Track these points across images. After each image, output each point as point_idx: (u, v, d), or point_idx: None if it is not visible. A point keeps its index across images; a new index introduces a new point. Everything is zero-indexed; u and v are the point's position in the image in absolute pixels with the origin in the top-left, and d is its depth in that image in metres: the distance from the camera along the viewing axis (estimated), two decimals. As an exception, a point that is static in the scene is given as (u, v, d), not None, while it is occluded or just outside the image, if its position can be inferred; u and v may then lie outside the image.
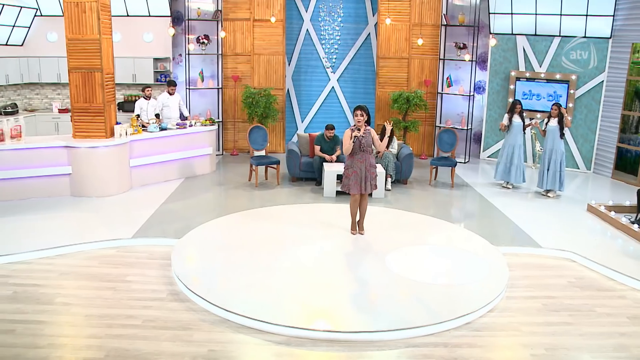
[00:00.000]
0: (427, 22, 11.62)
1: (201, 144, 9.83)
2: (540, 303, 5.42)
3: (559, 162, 8.92)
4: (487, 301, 5.20)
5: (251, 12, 11.63)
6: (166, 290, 5.46)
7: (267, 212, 7.77)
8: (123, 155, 8.49)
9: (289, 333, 4.64)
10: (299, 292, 5.30)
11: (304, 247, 6.43)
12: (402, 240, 6.76)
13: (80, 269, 5.92)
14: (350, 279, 5.68)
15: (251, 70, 11.87)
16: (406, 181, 9.72)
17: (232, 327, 4.79)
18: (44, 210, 7.63)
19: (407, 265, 6.00)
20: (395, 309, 4.98)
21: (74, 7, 7.86)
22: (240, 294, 5.21)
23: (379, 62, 11.90)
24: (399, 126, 11.35)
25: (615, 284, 5.96)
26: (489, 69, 11.65)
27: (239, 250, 6.29)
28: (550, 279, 6.03)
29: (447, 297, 5.25)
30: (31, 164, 7.90)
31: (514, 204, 8.67)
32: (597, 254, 6.54)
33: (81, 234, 6.76)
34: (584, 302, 5.47)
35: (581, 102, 10.84)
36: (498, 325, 4.95)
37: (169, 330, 4.71)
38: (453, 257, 6.37)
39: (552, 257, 6.69)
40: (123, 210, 7.77)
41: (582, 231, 7.51)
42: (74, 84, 8.12)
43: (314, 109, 12.74)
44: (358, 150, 6.69)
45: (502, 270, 5.95)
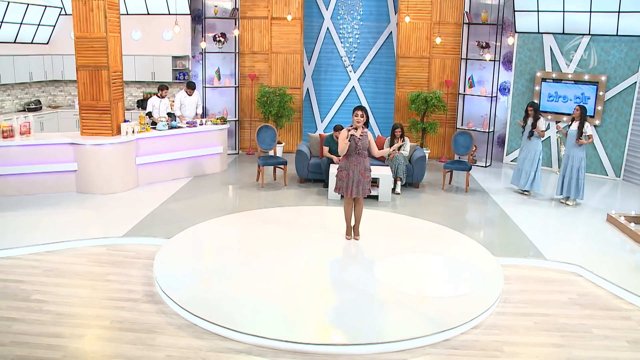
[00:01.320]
0: (449, 21, 11.19)
1: (212, 142, 9.80)
2: (532, 321, 5.04)
3: (576, 169, 8.37)
4: (472, 317, 4.87)
5: (269, 10, 11.53)
6: (143, 292, 5.40)
7: (265, 214, 7.64)
8: (129, 153, 8.55)
9: (251, 342, 4.47)
10: (273, 299, 5.12)
11: (292, 252, 6.25)
12: (398, 248, 6.47)
13: (66, 267, 5.95)
14: (330, 288, 5.46)
15: (269, 69, 11.78)
16: (418, 185, 9.38)
17: (196, 333, 4.67)
18: (48, 206, 7.76)
19: (395, 275, 5.73)
20: (369, 322, 4.73)
21: (82, 6, 7.96)
22: (212, 299, 5.08)
23: (399, 62, 11.56)
24: (417, 127, 10.98)
25: (622, 303, 5.49)
26: (513, 69, 11.11)
27: (225, 253, 6.18)
28: (550, 295, 5.62)
29: (430, 311, 4.96)
30: (38, 160, 8.06)
31: (528, 212, 8.20)
32: (608, 269, 6.07)
33: (76, 230, 6.82)
34: (581, 322, 5.05)
35: (611, 105, 10.17)
36: (478, 344, 4.61)
37: (133, 332, 4.64)
38: (447, 267, 6.05)
39: (557, 270, 6.26)
40: (124, 208, 7.80)
41: (596, 243, 7.01)
42: (81, 81, 8.24)
43: (334, 109, 12.52)
44: (353, 152, 6.45)
45: (497, 283, 5.59)
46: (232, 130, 11.99)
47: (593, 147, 10.44)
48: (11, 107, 11.07)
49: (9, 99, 11.00)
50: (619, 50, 9.97)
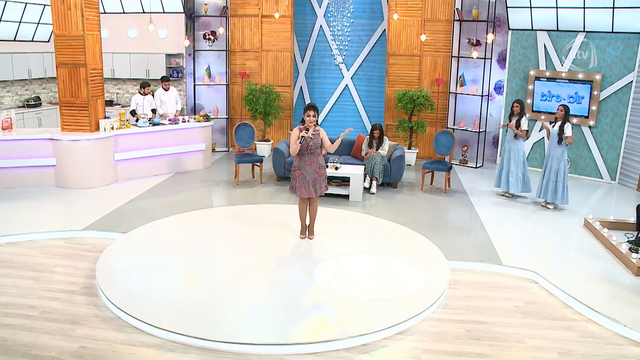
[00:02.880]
0: (440, 18, 10.95)
1: (194, 139, 9.90)
2: (464, 329, 4.88)
3: (555, 171, 8.04)
4: (395, 322, 4.75)
5: (259, 8, 11.55)
6: (83, 284, 5.49)
7: (229, 211, 7.66)
8: (107, 149, 8.71)
9: (165, 336, 4.49)
10: (199, 296, 5.12)
11: (239, 249, 6.24)
12: (349, 248, 6.38)
13: (19, 258, 6.10)
14: (261, 287, 5.40)
15: (259, 66, 11.80)
16: (396, 185, 9.22)
17: (118, 325, 4.72)
18: (25, 199, 7.98)
19: (333, 276, 5.65)
20: (286, 322, 4.67)
21: (60, 4, 8.15)
22: (141, 294, 5.13)
23: (389, 60, 11.39)
24: (404, 127, 10.80)
25: (570, 313, 5.26)
26: (507, 68, 10.79)
27: (172, 249, 6.22)
28: (495, 302, 5.43)
29: (354, 314, 4.86)
30: (19, 155, 8.30)
31: (502, 216, 7.95)
32: (565, 277, 5.84)
33: (41, 223, 6.99)
34: (516, 332, 4.85)
35: (607, 105, 9.76)
36: (397, 351, 4.49)
37: (57, 323, 4.72)
38: (390, 269, 5.92)
39: (512, 276, 6.04)
40: (96, 202, 7.94)
41: (563, 249, 6.74)
42: (61, 79, 8.44)
43: (327, 107, 12.45)
44: (306, 152, 6.38)
45: (438, 287, 5.43)
46: (224, 127, 12.08)
47: (587, 149, 10.05)
48: (11, 103, 11.45)
49: (8, 95, 11.38)
50: (615, 48, 9.55)
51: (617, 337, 4.84)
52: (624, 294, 5.53)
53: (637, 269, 5.96)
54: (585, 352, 4.57)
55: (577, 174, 10.24)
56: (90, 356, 4.26)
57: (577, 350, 4.59)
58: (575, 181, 9.97)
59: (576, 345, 4.66)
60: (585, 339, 4.78)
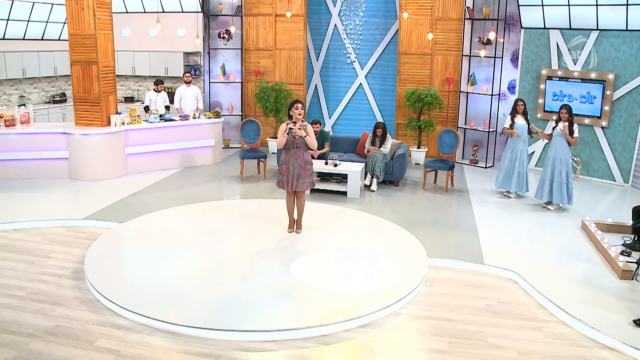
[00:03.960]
0: (451, 16, 10.87)
1: (204, 135, 10.20)
2: (428, 325, 4.92)
3: (560, 172, 7.90)
4: (360, 314, 4.84)
5: (273, 8, 11.76)
6: (73, 269, 5.82)
7: (225, 205, 7.91)
8: (117, 143, 9.11)
9: (136, 319, 4.74)
10: (174, 282, 5.34)
11: (224, 241, 6.46)
12: (333, 243, 6.50)
13: (21, 243, 6.51)
14: (236, 276, 5.56)
15: (273, 65, 12.02)
16: (398, 183, 9.25)
17: (95, 308, 5.00)
18: (37, 189, 8.45)
19: (310, 269, 5.78)
20: (250, 310, 4.84)
21: (74, 5, 8.58)
22: (121, 278, 5.41)
23: (400, 58, 11.38)
24: (412, 125, 10.79)
25: (542, 314, 5.21)
26: (519, 67, 10.61)
27: (159, 239, 6.50)
28: (468, 300, 5.43)
29: (322, 305, 4.98)
30: (35, 148, 8.79)
31: (498, 216, 7.87)
32: (546, 278, 5.76)
33: (48, 212, 7.40)
34: (481, 330, 4.86)
35: (620, 105, 9.47)
36: (355, 343, 4.58)
37: (40, 303, 5.05)
38: (368, 264, 6.00)
39: (492, 275, 6.02)
40: (103, 194, 8.31)
41: (552, 251, 6.61)
42: (75, 75, 8.88)
43: (342, 106, 12.55)
44: (292, 146, 6.52)
45: (409, 284, 5.48)
46: (239, 124, 12.35)
47: (600, 150, 9.78)
48: (37, 98, 12.09)
49: (35, 91, 12.02)
50: (630, 47, 9.25)
51: (584, 339, 4.78)
52: (603, 297, 5.43)
53: (621, 272, 5.83)
54: (546, 352, 4.54)
55: (589, 176, 9.98)
56: (62, 334, 4.55)
57: (538, 350, 4.56)
58: (587, 183, 9.74)
59: (539, 346, 4.63)
60: (551, 340, 4.74)
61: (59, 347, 4.36)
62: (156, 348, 4.40)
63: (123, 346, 4.41)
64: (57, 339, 4.48)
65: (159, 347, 4.41)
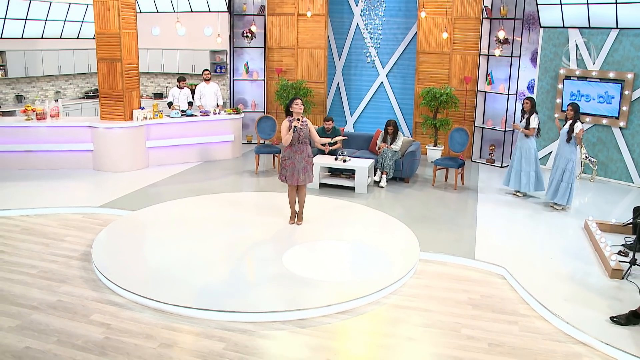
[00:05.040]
0: (470, 16, 10.86)
1: (223, 131, 10.60)
2: (405, 314, 5.08)
3: (562, 170, 7.83)
4: (338, 301, 5.05)
5: (296, 7, 12.06)
6: (83, 251, 6.27)
7: (234, 197, 8.23)
8: (139, 137, 9.61)
9: (130, 297, 5.12)
10: (171, 265, 5.70)
11: (226, 230, 6.78)
12: (331, 235, 6.75)
13: (40, 227, 7.04)
14: (229, 262, 5.88)
15: (295, 63, 12.32)
16: (408, 180, 9.36)
17: (96, 286, 5.41)
18: (63, 179, 9.01)
19: (302, 258, 6.02)
20: (235, 294, 5.13)
21: (101, 6, 9.13)
22: (124, 260, 5.82)
23: (419, 57, 11.46)
24: (427, 124, 10.85)
25: (523, 309, 5.27)
26: (538, 66, 10.50)
27: (166, 227, 6.89)
28: (453, 293, 5.54)
29: (305, 291, 5.22)
30: (63, 140, 9.39)
31: (502, 214, 7.89)
32: (534, 275, 5.80)
33: (69, 199, 7.94)
34: (456, 321, 4.97)
35: (639, 105, 9.25)
36: (330, 327, 4.78)
37: (48, 280, 5.50)
38: (359, 256, 6.20)
39: (482, 270, 6.10)
40: (122, 184, 8.80)
41: (548, 249, 6.61)
42: (101, 72, 9.44)
43: (363, 104, 12.71)
44: (296, 142, 6.78)
45: (395, 275, 5.64)
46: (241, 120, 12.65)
47: (618, 151, 9.59)
48: (72, 94, 12.83)
49: (70, 87, 12.76)
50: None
51: (560, 334, 4.82)
52: (588, 294, 5.43)
53: (612, 271, 5.80)
54: (516, 345, 4.62)
55: (607, 177, 9.79)
56: (62, 308, 4.97)
57: (509, 342, 4.65)
58: (604, 184, 9.57)
59: (511, 338, 4.71)
60: (524, 334, 4.81)
61: (57, 319, 4.77)
62: (143, 324, 4.75)
63: (114, 321, 4.78)
64: (57, 312, 4.90)
65: (146, 323, 4.76)
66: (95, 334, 4.56)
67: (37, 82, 12.04)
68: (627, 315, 4.88)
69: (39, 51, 11.67)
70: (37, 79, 12.01)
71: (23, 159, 9.36)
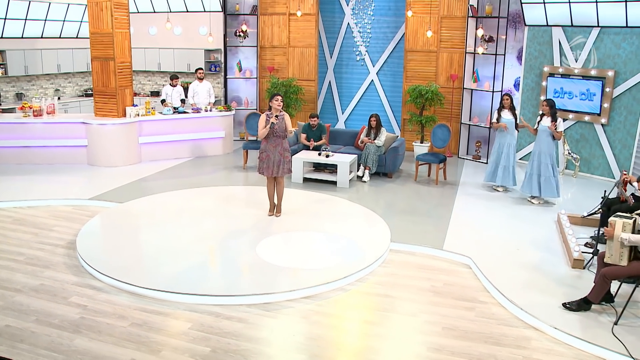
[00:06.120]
0: (456, 14, 11.07)
1: (214, 127, 10.90)
2: (369, 300, 5.34)
3: (546, 166, 8.03)
4: (302, 286, 5.32)
5: (287, 7, 12.33)
6: (68, 240, 6.59)
7: (219, 190, 8.52)
8: (131, 133, 9.94)
9: (108, 282, 5.42)
10: (148, 252, 6.03)
11: (206, 221, 7.07)
12: (306, 226, 7.00)
13: (32, 218, 7.37)
14: (204, 250, 6.17)
15: (286, 62, 12.60)
16: (391, 175, 9.59)
17: (78, 272, 5.72)
18: (57, 173, 9.35)
19: (275, 247, 6.29)
20: (206, 278, 5.42)
21: (95, 6, 9.46)
22: (105, 247, 6.13)
23: (407, 56, 11.69)
24: (413, 121, 11.08)
25: (483, 296, 5.49)
26: (523, 64, 10.68)
27: (148, 217, 7.21)
28: (417, 281, 5.78)
29: (273, 277, 5.50)
30: (58, 136, 9.74)
31: (478, 207, 8.10)
32: (499, 265, 6.01)
33: (61, 192, 8.27)
34: (416, 307, 5.19)
35: (620, 102, 9.41)
36: (293, 311, 5.02)
37: (33, 266, 5.82)
38: (331, 245, 6.45)
39: (449, 260, 6.33)
40: (113, 178, 9.12)
41: (517, 240, 6.81)
42: (95, 70, 9.77)
43: (354, 102, 12.95)
44: (272, 136, 7.06)
45: (362, 263, 5.89)
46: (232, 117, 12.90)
47: (600, 147, 9.75)
48: (71, 92, 13.20)
49: (69, 85, 13.14)
50: (630, 43, 9.19)
51: (514, 319, 5.04)
52: (547, 283, 5.63)
53: (574, 262, 6.00)
54: (469, 329, 4.84)
55: (590, 173, 9.95)
56: (44, 291, 5.29)
57: (463, 326, 4.87)
58: (587, 180, 9.74)
59: (465, 323, 4.93)
60: (479, 319, 5.03)
61: (37, 301, 5.09)
62: (117, 305, 5.05)
63: (90, 302, 5.09)
64: (38, 294, 5.22)
65: (120, 305, 5.06)
66: (72, 314, 4.86)
67: (37, 80, 12.43)
68: (579, 302, 5.09)
69: (39, 50, 12.05)
70: (36, 77, 12.40)
71: (20, 154, 9.72)
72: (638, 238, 4.77)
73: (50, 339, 4.45)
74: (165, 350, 4.34)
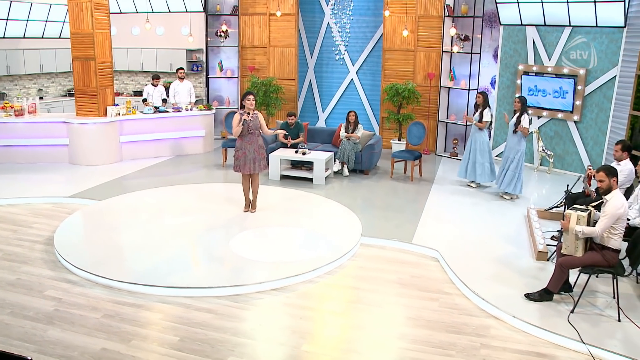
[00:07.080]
0: (433, 14, 11.28)
1: (194, 126, 11.03)
2: (336, 291, 5.51)
3: (510, 160, 8.26)
4: (270, 279, 5.48)
5: (267, 7, 12.48)
6: (47, 237, 6.70)
7: (197, 187, 8.67)
8: (112, 132, 10.04)
9: (83, 275, 5.56)
10: (123, 246, 6.17)
11: (182, 217, 7.23)
12: (280, 221, 7.17)
13: (10, 216, 7.47)
14: (178, 244, 6.32)
15: (267, 61, 12.75)
16: (367, 172, 9.78)
17: (54, 266, 5.85)
18: (39, 172, 9.44)
19: (248, 241, 6.45)
20: (178, 271, 5.56)
21: (75, 7, 9.56)
22: (81, 243, 6.26)
23: (385, 55, 11.89)
24: (390, 119, 11.28)
25: (448, 288, 5.66)
26: (499, 63, 10.91)
27: (126, 214, 7.33)
28: (383, 273, 5.95)
29: (243, 270, 5.66)
30: (40, 135, 9.83)
31: (450, 203, 8.30)
32: (466, 258, 6.20)
33: (41, 190, 8.36)
34: (381, 298, 5.36)
35: (592, 100, 9.66)
36: (262, 302, 5.19)
37: (11, 262, 5.94)
38: (302, 240, 6.63)
39: (418, 254, 6.51)
40: (94, 176, 9.23)
41: (485, 234, 7.02)
42: (76, 70, 9.87)
43: (334, 101, 13.14)
44: (246, 133, 7.21)
45: (330, 256, 6.06)
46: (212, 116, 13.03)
47: (573, 144, 10.00)
48: (55, 92, 13.27)
49: (52, 85, 13.20)
50: (600, 43, 9.44)
51: (476, 309, 5.22)
52: (510, 274, 5.83)
53: (538, 254, 6.21)
54: (432, 318, 5.02)
55: (564, 169, 10.20)
56: (20, 285, 5.41)
57: (425, 316, 5.06)
58: (561, 176, 9.97)
59: (428, 313, 5.11)
60: (443, 309, 5.21)
61: (13, 294, 5.22)
62: (91, 298, 5.19)
63: (65, 295, 5.22)
64: (14, 288, 5.35)
65: (94, 297, 5.20)
66: (47, 306, 5.00)
67: (20, 80, 12.48)
68: (540, 292, 5.30)
69: (21, 50, 12.10)
70: (19, 77, 12.46)
71: (1, 154, 9.80)
72: (591, 230, 4.98)
73: (24, 330, 4.58)
74: (135, 340, 4.49)
